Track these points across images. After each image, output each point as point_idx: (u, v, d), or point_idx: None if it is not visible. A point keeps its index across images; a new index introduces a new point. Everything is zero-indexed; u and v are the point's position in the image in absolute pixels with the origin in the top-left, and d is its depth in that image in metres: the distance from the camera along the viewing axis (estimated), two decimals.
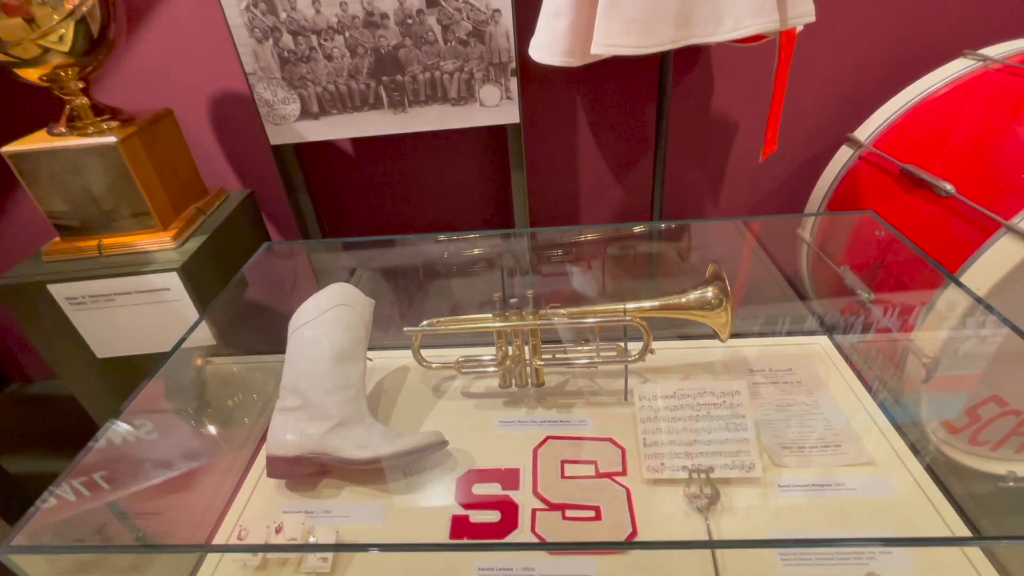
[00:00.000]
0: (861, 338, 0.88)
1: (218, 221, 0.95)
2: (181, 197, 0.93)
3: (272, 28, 0.85)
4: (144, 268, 0.81)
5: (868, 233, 0.88)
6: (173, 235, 0.86)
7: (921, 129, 0.89)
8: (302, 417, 0.71)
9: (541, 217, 1.27)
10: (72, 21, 0.74)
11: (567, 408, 0.81)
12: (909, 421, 0.76)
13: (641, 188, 1.23)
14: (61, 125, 0.83)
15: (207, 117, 1.10)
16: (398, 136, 0.95)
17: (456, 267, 1.06)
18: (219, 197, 1.02)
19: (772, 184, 1.23)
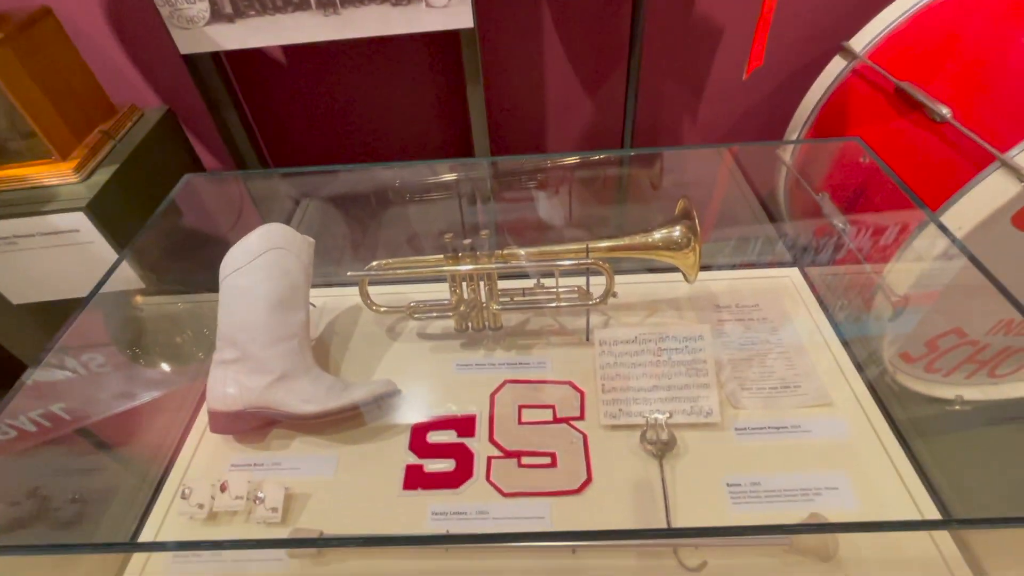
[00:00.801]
0: (832, 271, 0.85)
1: (131, 146, 0.83)
2: (80, 118, 0.80)
3: None
4: (44, 207, 0.71)
5: (852, 158, 0.81)
6: (75, 166, 0.75)
7: (922, 41, 0.80)
8: (241, 370, 0.67)
9: (502, 136, 1.16)
10: None
11: (527, 349, 0.78)
12: (870, 357, 0.75)
13: (613, 103, 1.12)
14: None
15: (103, 18, 0.93)
16: (335, 45, 0.82)
17: (410, 194, 0.97)
18: (131, 117, 0.88)
19: (756, 97, 1.12)
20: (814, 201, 0.90)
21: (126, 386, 0.79)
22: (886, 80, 0.80)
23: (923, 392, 0.89)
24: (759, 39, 0.74)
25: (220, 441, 0.70)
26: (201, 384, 0.80)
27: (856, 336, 0.76)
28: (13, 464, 0.66)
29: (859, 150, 0.78)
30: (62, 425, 0.68)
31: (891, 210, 0.74)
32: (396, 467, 0.65)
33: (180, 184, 0.75)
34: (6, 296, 0.79)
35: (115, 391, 0.77)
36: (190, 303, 0.88)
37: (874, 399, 0.68)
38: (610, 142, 1.18)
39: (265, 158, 1.02)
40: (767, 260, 0.88)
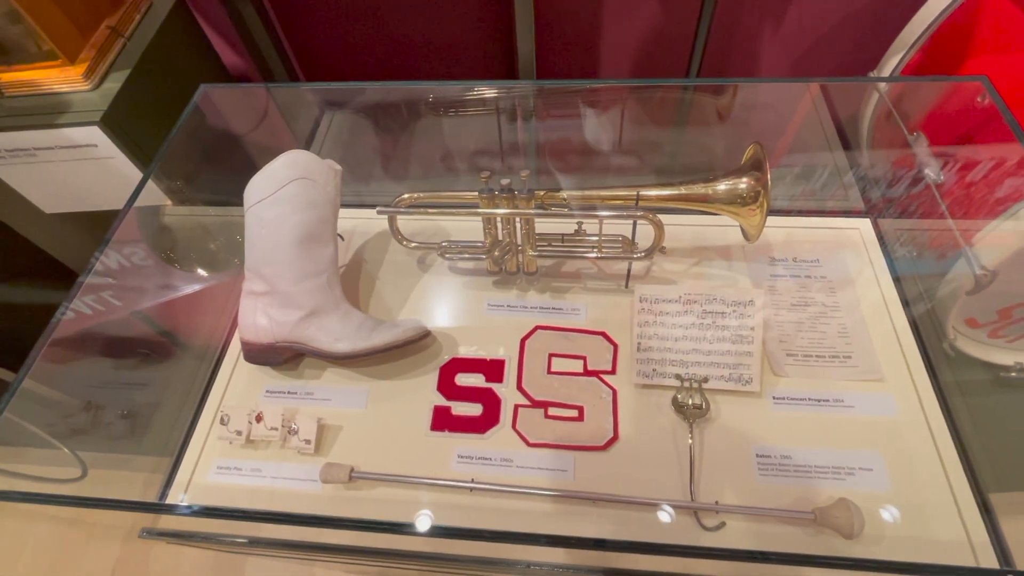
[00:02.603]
0: (911, 226, 0.76)
1: (142, 45, 0.75)
2: (85, 12, 0.72)
3: None
4: (58, 119, 0.67)
5: (968, 97, 0.68)
6: (84, 70, 0.69)
7: None
8: (271, 304, 0.66)
9: (551, 40, 1.01)
10: None
11: (561, 293, 0.74)
12: (932, 324, 0.69)
13: (685, 3, 0.94)
14: None
15: None
16: None
17: (444, 108, 0.88)
18: (138, 7, 0.79)
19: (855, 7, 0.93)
20: (906, 141, 0.78)
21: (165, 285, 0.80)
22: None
23: (980, 357, 0.83)
24: None
25: (255, 366, 0.71)
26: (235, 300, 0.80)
27: (922, 303, 0.70)
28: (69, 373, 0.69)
29: (978, 89, 0.65)
30: (113, 310, 0.70)
31: (1000, 169, 0.63)
32: (424, 406, 0.66)
33: (196, 96, 0.69)
34: (38, 206, 0.79)
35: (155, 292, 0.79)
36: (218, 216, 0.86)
37: (929, 375, 0.64)
38: (677, 53, 1.02)
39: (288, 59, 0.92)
40: (837, 207, 0.79)
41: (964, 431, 0.60)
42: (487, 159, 0.89)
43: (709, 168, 0.64)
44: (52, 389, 0.66)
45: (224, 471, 0.64)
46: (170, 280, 0.81)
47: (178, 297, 0.81)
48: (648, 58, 1.05)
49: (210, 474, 0.63)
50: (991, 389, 0.81)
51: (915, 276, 0.72)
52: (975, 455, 0.58)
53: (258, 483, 0.62)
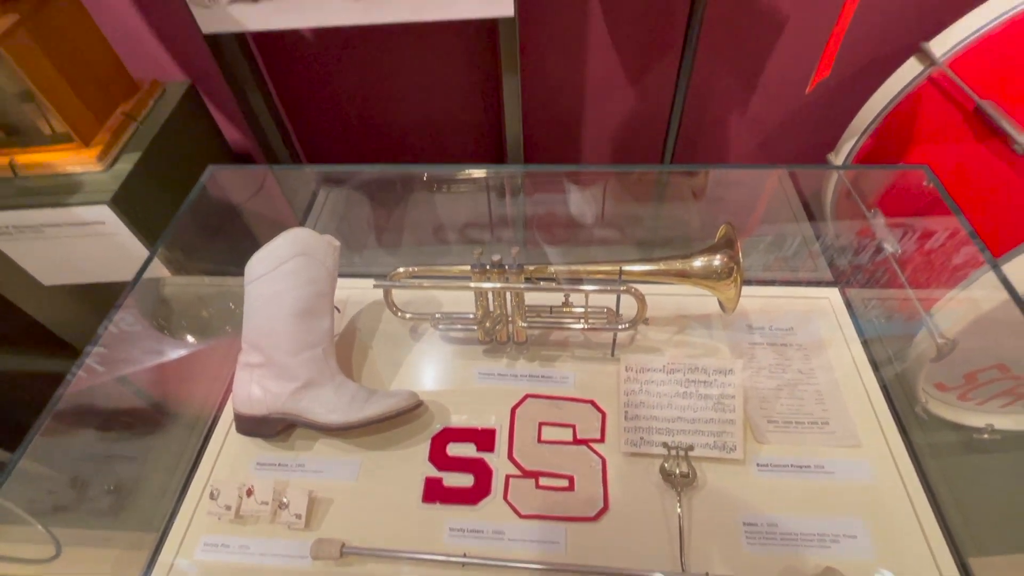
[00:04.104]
0: (876, 295, 0.81)
1: (154, 127, 0.80)
2: (101, 98, 0.77)
3: None
4: (69, 199, 0.70)
5: (915, 180, 0.75)
6: (98, 153, 0.73)
7: (1012, 55, 0.71)
8: (266, 375, 0.67)
9: (537, 125, 1.10)
10: None
11: (550, 362, 0.77)
12: (903, 388, 0.73)
13: (659, 93, 1.04)
14: None
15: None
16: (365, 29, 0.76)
17: (437, 184, 0.94)
18: (152, 93, 0.85)
19: (812, 96, 1.04)
20: (864, 217, 0.84)
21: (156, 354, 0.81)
22: (965, 95, 0.73)
23: (951, 419, 0.87)
24: (831, 49, 0.67)
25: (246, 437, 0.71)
26: (227, 369, 0.81)
27: (892, 368, 0.74)
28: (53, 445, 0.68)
29: (923, 173, 0.72)
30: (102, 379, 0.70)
31: (950, 242, 0.69)
32: (416, 477, 0.66)
33: (204, 177, 0.73)
34: (37, 278, 0.80)
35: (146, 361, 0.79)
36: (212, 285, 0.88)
37: (903, 439, 0.67)
38: (652, 134, 1.11)
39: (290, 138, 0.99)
40: (806, 278, 0.84)
41: (941, 495, 0.62)
42: (477, 231, 0.94)
43: (686, 241, 0.68)
44: (33, 461, 0.65)
45: (211, 548, 0.62)
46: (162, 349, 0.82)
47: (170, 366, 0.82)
48: (627, 140, 1.14)
49: (196, 552, 0.62)
50: (964, 451, 0.84)
51: (884, 342, 0.76)
52: (952, 520, 0.60)
53: (246, 561, 0.61)
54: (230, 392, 0.76)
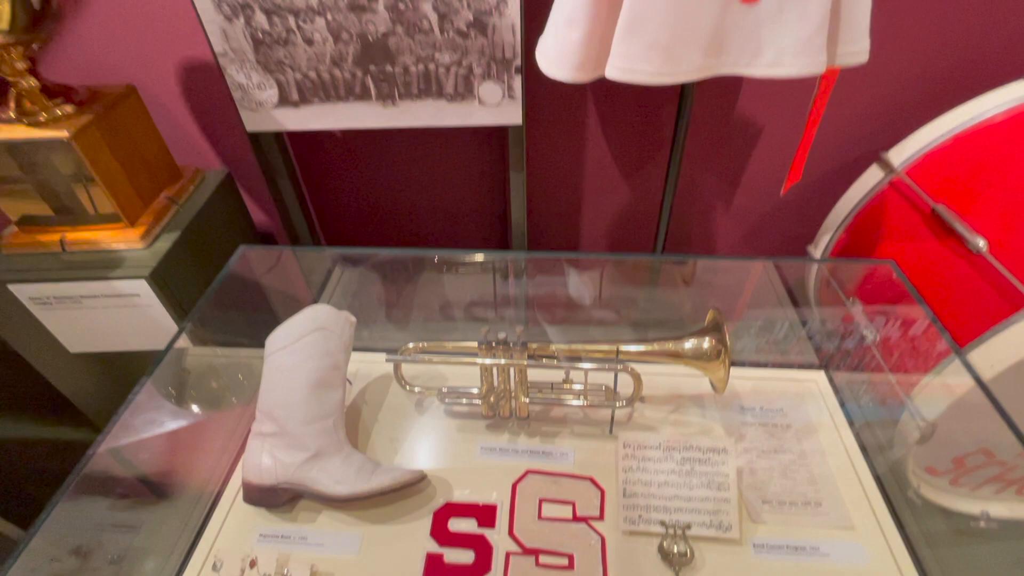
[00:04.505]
0: (860, 379, 0.86)
1: (193, 210, 0.88)
2: (149, 185, 0.86)
3: (243, 5, 0.74)
4: (111, 272, 0.76)
5: (886, 274, 0.82)
6: (142, 233, 0.80)
7: (963, 163, 0.81)
8: (277, 445, 0.70)
9: (540, 215, 1.20)
10: None
11: (551, 438, 0.79)
12: (893, 471, 0.75)
13: (650, 189, 1.15)
14: (9, 110, 0.74)
15: (177, 89, 1.00)
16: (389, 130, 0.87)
17: (447, 266, 1.01)
18: (194, 180, 0.94)
19: (791, 192, 1.15)
20: (843, 304, 0.90)
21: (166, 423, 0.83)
22: (922, 200, 0.81)
23: (947, 506, 0.88)
24: (799, 157, 0.76)
25: (251, 507, 0.72)
26: (236, 440, 0.83)
27: (881, 452, 0.76)
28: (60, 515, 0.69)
29: (891, 268, 0.79)
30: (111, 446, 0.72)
31: (922, 331, 0.75)
32: (417, 553, 0.67)
33: (235, 256, 0.79)
34: (64, 345, 0.85)
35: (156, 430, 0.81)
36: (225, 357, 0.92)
37: (895, 522, 0.68)
38: (645, 224, 1.21)
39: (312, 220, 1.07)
40: (794, 361, 0.89)
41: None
42: (482, 310, 1.00)
43: (679, 323, 0.74)
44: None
45: None
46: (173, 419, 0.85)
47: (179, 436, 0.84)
48: (622, 230, 1.23)
49: None
50: (961, 539, 0.84)
51: (870, 424, 0.79)
52: None
53: None
54: (237, 463, 0.78)
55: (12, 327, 0.83)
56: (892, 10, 0.94)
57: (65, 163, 0.74)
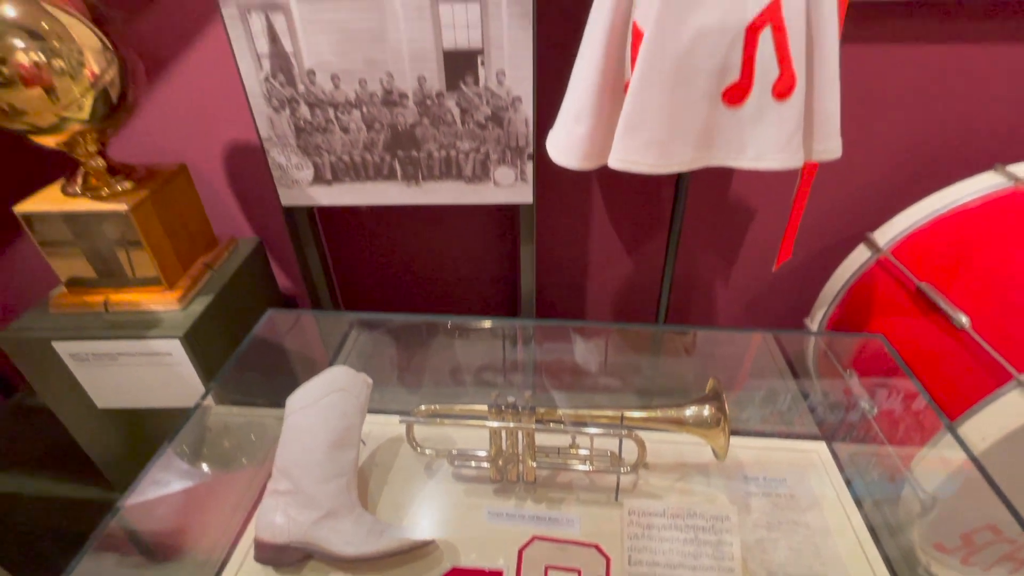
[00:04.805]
0: (860, 451, 0.87)
1: (226, 275, 0.95)
2: (189, 252, 0.93)
3: (290, 99, 0.85)
4: (148, 332, 0.82)
5: (878, 348, 0.86)
6: (179, 295, 0.87)
7: (943, 244, 0.87)
8: (292, 503, 0.72)
9: (548, 284, 1.27)
10: (93, 92, 0.74)
11: (557, 504, 0.80)
12: (900, 547, 0.75)
13: (652, 262, 1.23)
14: (76, 185, 0.83)
15: (221, 167, 1.11)
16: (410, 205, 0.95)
17: (459, 331, 1.06)
18: (228, 248, 1.02)
19: (785, 268, 1.21)
20: (841, 375, 0.93)
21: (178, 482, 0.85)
22: (907, 278, 0.87)
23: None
24: (788, 237, 0.83)
25: (261, 567, 0.73)
26: (249, 501, 0.85)
27: (885, 524, 0.77)
28: None
29: (880, 342, 0.83)
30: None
31: (916, 404, 0.78)
32: None
33: (263, 319, 0.85)
34: (93, 400, 0.89)
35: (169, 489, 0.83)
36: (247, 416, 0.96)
37: None
38: (648, 295, 1.27)
39: (334, 287, 1.15)
40: (796, 431, 0.91)
41: None
42: (491, 375, 1.03)
43: (682, 391, 0.77)
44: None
45: None
46: (188, 479, 0.87)
47: (193, 496, 0.86)
48: (626, 300, 1.29)
49: None
50: None
51: (873, 496, 0.80)
52: None
53: None
54: (248, 523, 0.79)
55: (47, 381, 0.88)
56: (870, 106, 1.04)
57: (119, 232, 0.82)
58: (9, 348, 0.86)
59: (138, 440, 0.98)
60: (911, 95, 1.03)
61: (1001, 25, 0.96)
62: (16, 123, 0.73)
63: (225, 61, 1.01)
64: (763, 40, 0.64)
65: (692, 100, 0.68)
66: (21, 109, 0.72)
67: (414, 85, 0.84)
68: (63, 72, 0.72)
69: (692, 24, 0.64)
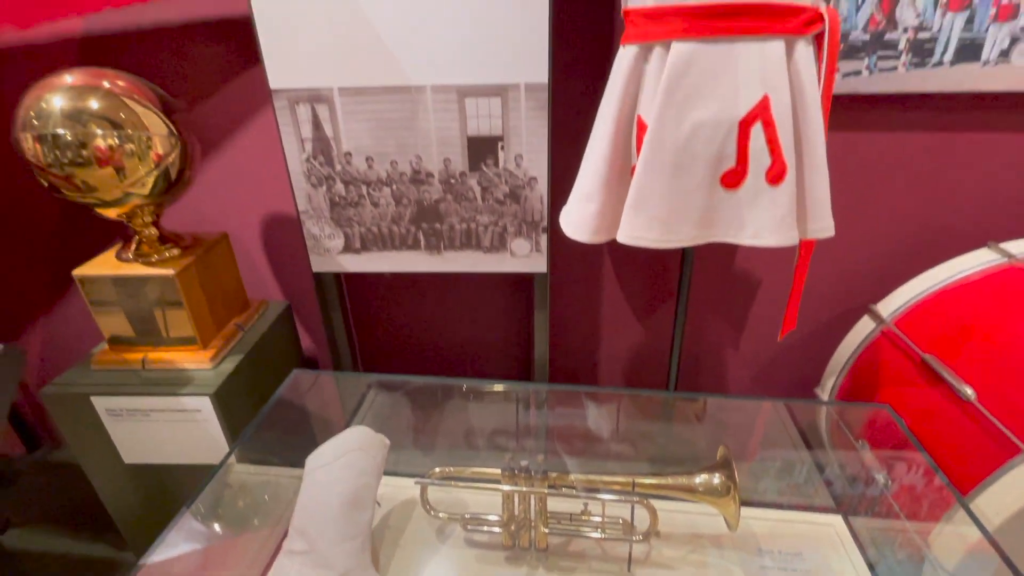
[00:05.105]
0: (876, 525, 0.86)
1: (256, 336, 1.01)
2: (224, 314, 1.00)
3: (327, 177, 0.95)
4: (181, 389, 0.87)
5: (888, 417, 0.87)
6: (212, 355, 0.92)
7: (945, 316, 0.90)
8: (306, 563, 0.73)
9: (560, 349, 1.31)
10: (156, 172, 0.83)
11: (569, 573, 0.80)
12: None
13: (661, 330, 1.27)
14: (129, 251, 0.92)
15: (257, 235, 1.20)
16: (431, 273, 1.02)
17: (473, 394, 1.09)
18: (259, 310, 1.09)
19: (791, 339, 1.24)
20: (854, 446, 0.94)
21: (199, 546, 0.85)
22: (912, 350, 0.89)
23: None
24: (791, 308, 0.86)
25: None
26: (264, 560, 0.85)
27: None
28: None
29: (887, 413, 0.84)
30: None
31: (930, 476, 0.78)
32: None
33: (288, 380, 0.90)
34: (121, 455, 0.92)
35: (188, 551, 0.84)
36: (264, 475, 0.98)
37: None
38: (659, 362, 1.30)
39: (355, 348, 1.20)
40: (810, 503, 0.90)
41: None
42: (504, 439, 1.05)
43: (693, 457, 0.78)
44: None
45: None
46: (204, 537, 0.88)
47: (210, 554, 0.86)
48: (636, 367, 1.32)
49: None
50: None
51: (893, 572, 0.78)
52: None
53: None
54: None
55: (80, 435, 0.92)
56: (866, 186, 1.11)
57: (163, 294, 0.89)
58: (50, 402, 0.90)
59: (158, 495, 1.00)
60: (903, 177, 1.10)
61: (983, 116, 1.03)
62: (87, 197, 0.82)
63: (270, 143, 1.12)
64: (755, 133, 0.71)
65: (693, 184, 0.75)
66: (93, 186, 0.81)
67: (440, 166, 0.93)
68: (133, 154, 0.82)
69: (690, 119, 0.72)
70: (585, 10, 0.99)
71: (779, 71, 0.69)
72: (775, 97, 0.70)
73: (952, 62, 0.94)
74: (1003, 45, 0.92)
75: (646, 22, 0.72)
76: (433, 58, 0.85)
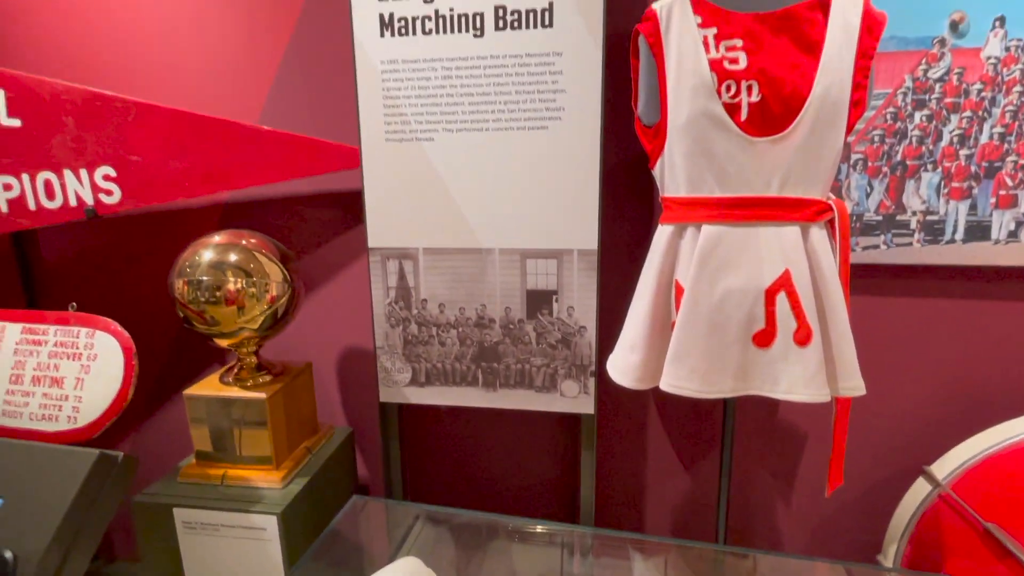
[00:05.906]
0: None
1: (322, 459, 1.10)
2: (297, 437, 1.10)
3: (404, 319, 1.10)
4: (252, 507, 0.94)
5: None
6: (283, 475, 1.01)
7: (1003, 481, 0.88)
8: None
9: (607, 494, 1.32)
10: (268, 311, 1.01)
11: None
12: None
13: (708, 479, 1.26)
14: (231, 376, 1.06)
15: (334, 365, 1.35)
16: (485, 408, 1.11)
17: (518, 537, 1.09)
18: (327, 435, 1.19)
19: (845, 497, 1.21)
20: None
21: None
22: (972, 516, 0.87)
23: None
24: (835, 465, 0.88)
25: None
26: None
27: None
28: None
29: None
30: None
31: None
32: None
33: (348, 505, 0.95)
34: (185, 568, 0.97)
35: None
36: None
37: None
38: (706, 512, 1.27)
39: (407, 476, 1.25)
40: None
41: None
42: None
43: None
44: None
45: None
46: None
47: None
48: (684, 516, 1.29)
49: None
50: None
51: None
52: None
53: None
54: None
55: (152, 545, 0.98)
56: (910, 348, 1.15)
57: (253, 415, 1.01)
58: (137, 510, 0.99)
59: None
60: (938, 339, 1.13)
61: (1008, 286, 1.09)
62: (211, 330, 0.99)
63: (358, 289, 1.30)
64: (780, 300, 0.81)
65: (727, 342, 0.83)
66: (217, 320, 0.98)
67: (501, 314, 1.07)
68: (253, 296, 0.99)
69: (722, 285, 0.83)
70: (627, 193, 1.18)
71: (797, 250, 0.81)
72: (795, 271, 0.81)
73: (964, 240, 1.03)
74: (1010, 227, 1.02)
75: (681, 208, 0.88)
76: (502, 227, 1.04)
